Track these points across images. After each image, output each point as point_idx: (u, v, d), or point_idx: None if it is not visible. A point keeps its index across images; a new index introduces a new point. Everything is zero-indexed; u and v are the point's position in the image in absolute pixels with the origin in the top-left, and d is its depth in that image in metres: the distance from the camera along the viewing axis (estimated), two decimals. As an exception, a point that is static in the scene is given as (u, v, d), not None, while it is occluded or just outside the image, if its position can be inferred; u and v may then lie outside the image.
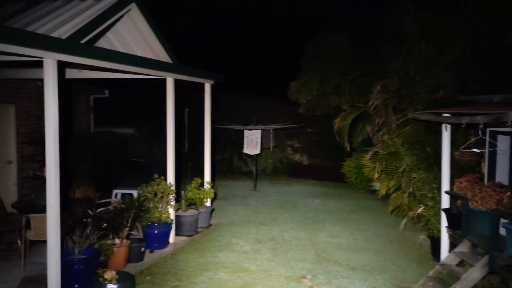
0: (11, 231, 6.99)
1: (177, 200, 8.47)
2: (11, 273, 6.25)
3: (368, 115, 9.66)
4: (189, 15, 19.90)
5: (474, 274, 5.68)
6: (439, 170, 7.25)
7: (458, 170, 7.42)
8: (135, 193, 8.80)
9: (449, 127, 6.92)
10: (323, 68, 11.45)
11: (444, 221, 6.98)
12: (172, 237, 8.00)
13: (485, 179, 7.11)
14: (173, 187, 7.99)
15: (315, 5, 13.87)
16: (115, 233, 6.70)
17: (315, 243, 8.23)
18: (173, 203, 8.01)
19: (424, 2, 9.06)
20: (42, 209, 5.70)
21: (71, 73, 8.19)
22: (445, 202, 7.07)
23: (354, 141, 11.21)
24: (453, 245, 6.77)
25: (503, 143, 6.65)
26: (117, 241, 6.69)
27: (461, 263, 6.50)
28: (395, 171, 8.29)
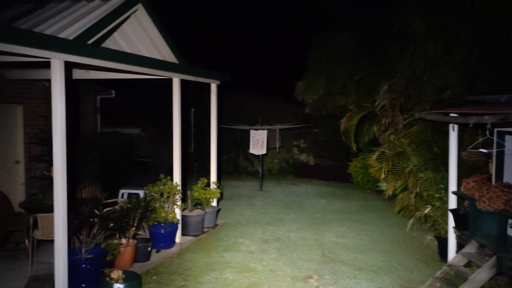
0: (19, 231, 7.03)
1: (183, 200, 8.48)
2: (19, 272, 6.30)
3: (374, 115, 9.63)
4: (194, 16, 19.94)
5: (482, 275, 5.65)
6: (446, 171, 7.22)
7: (466, 171, 7.38)
8: (141, 193, 8.83)
9: (456, 127, 6.88)
10: (329, 68, 11.44)
11: (452, 222, 6.95)
12: (178, 237, 8.02)
13: (493, 179, 7.07)
14: (179, 187, 8.01)
15: (320, 5, 13.87)
16: (121, 233, 6.73)
17: (321, 243, 8.21)
18: (179, 203, 8.03)
19: (431, 1, 9.02)
20: (50, 208, 5.74)
21: (78, 74, 8.23)
22: (452, 202, 7.04)
23: (361, 141, 11.19)
24: (460, 246, 6.74)
25: (511, 143, 6.61)
26: (123, 240, 6.72)
27: (468, 264, 6.46)
28: (401, 171, 8.26)
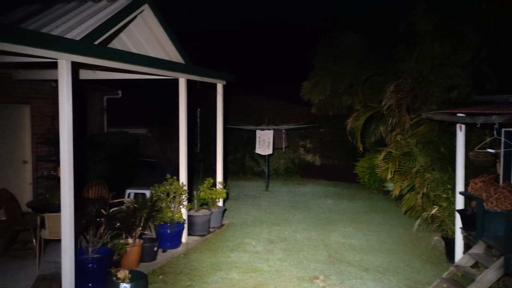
0: (26, 230, 7.08)
1: (190, 200, 8.50)
2: (26, 271, 6.34)
3: (381, 115, 9.59)
4: (201, 15, 19.97)
5: (489, 276, 5.61)
6: (454, 171, 7.18)
7: (473, 171, 7.34)
8: (148, 193, 8.85)
9: (463, 127, 6.84)
10: (335, 68, 11.42)
11: (459, 222, 6.91)
12: (184, 237, 8.03)
13: (501, 179, 7.02)
14: (185, 187, 8.02)
15: (327, 4, 13.83)
16: (128, 232, 6.75)
17: (327, 244, 8.19)
18: (185, 203, 8.04)
19: (438, 1, 8.97)
20: (57, 208, 5.77)
21: (85, 74, 8.27)
22: (459, 203, 6.99)
23: (367, 141, 11.16)
24: (467, 247, 6.70)
25: (519, 143, 6.57)
26: (130, 240, 6.74)
27: (475, 265, 6.43)
28: (408, 172, 8.22)
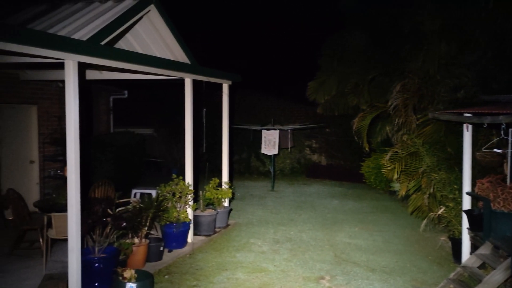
0: (33, 230, 7.14)
1: (195, 200, 8.51)
2: (33, 271, 6.39)
3: (387, 115, 9.56)
4: (206, 16, 20.00)
5: (496, 276, 5.57)
6: (460, 171, 7.14)
7: (480, 171, 7.30)
8: (154, 193, 8.88)
9: (470, 127, 6.80)
10: (341, 68, 11.40)
11: (466, 223, 6.87)
12: (190, 237, 8.05)
13: (508, 180, 6.97)
14: (191, 187, 8.04)
15: (332, 4, 13.82)
16: (134, 232, 6.77)
17: (333, 244, 8.18)
18: (191, 203, 8.06)
19: (444, 0, 8.92)
20: (63, 208, 5.81)
21: (91, 74, 8.31)
22: (466, 203, 6.96)
23: (373, 141, 11.13)
24: (474, 247, 6.66)
25: (527, 143, 6.52)
26: (136, 240, 6.76)
27: (482, 266, 6.39)
28: (415, 172, 8.19)
